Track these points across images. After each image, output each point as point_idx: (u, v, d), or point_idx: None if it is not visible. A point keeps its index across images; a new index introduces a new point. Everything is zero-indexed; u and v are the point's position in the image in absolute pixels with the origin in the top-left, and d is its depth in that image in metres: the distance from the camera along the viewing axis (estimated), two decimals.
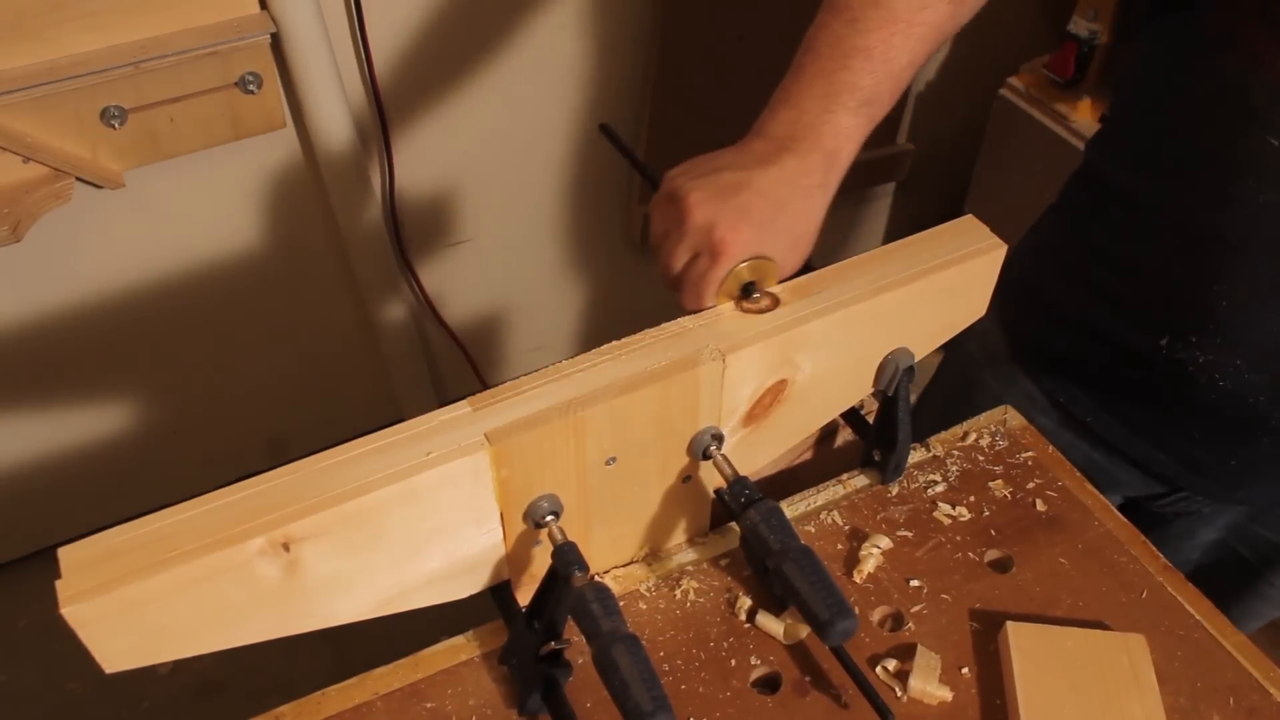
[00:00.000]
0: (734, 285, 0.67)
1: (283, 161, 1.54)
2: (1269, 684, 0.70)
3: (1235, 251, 0.76)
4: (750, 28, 1.67)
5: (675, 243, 0.67)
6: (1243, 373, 0.79)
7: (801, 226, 0.68)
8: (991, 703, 0.69)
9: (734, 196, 0.65)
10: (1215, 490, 0.90)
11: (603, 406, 0.62)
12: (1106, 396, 0.91)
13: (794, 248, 0.68)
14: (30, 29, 1.21)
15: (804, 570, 0.62)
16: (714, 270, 0.66)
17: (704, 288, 0.67)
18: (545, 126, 1.71)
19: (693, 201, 0.66)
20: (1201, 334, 0.80)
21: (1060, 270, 0.92)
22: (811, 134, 0.67)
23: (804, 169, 0.67)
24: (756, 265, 0.67)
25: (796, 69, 0.70)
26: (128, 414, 1.71)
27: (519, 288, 1.95)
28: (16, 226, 1.29)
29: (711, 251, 0.65)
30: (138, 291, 1.56)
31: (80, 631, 0.52)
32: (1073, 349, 0.92)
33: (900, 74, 0.69)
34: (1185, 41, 0.77)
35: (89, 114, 1.28)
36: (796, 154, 0.67)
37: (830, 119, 0.67)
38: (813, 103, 0.68)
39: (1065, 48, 1.67)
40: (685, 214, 0.66)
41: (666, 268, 0.69)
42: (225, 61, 1.32)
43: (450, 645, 0.71)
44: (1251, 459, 0.86)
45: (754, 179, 0.66)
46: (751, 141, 0.69)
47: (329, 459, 0.58)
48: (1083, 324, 0.89)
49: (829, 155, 0.68)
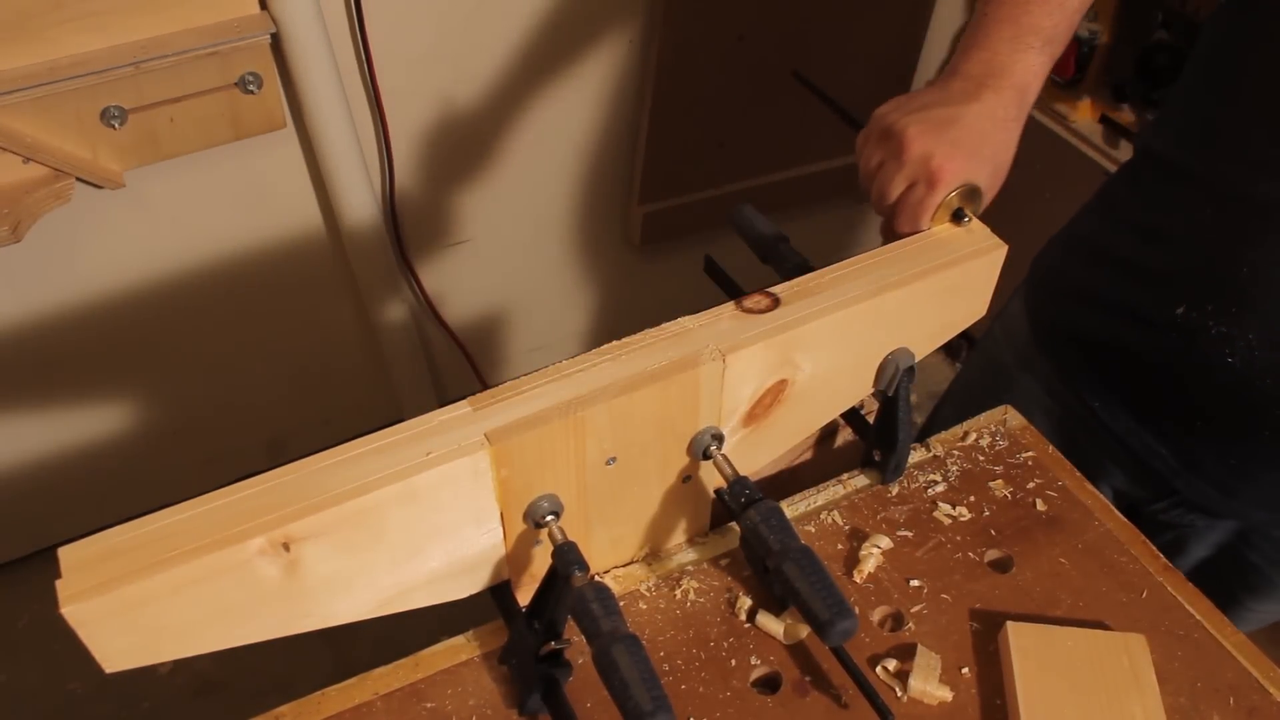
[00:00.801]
0: (945, 212, 0.74)
1: (283, 161, 1.54)
2: (1269, 684, 0.70)
3: (1264, 218, 0.78)
4: (750, 28, 1.67)
5: (892, 173, 0.74)
6: (1253, 348, 0.80)
7: (1001, 157, 0.75)
8: (991, 703, 0.69)
9: (948, 130, 0.72)
10: (1209, 494, 0.91)
11: (603, 406, 0.62)
12: (1116, 376, 0.93)
13: (995, 175, 0.76)
14: (30, 29, 1.21)
15: (804, 570, 0.62)
16: (931, 196, 0.73)
17: (921, 212, 0.74)
18: (545, 126, 1.71)
19: (911, 135, 0.73)
20: (1219, 301, 0.82)
21: (1090, 255, 0.95)
22: (1005, 73, 0.75)
23: (1001, 104, 0.74)
24: (966, 192, 0.73)
25: (981, 16, 0.77)
26: (128, 414, 1.71)
27: (519, 288, 1.95)
28: (16, 226, 1.29)
29: (929, 180, 0.72)
30: (138, 291, 1.56)
31: (80, 631, 0.52)
32: (1090, 327, 0.94)
33: (1074, 14, 0.78)
34: (1256, 19, 0.80)
35: (89, 114, 1.28)
36: (994, 90, 0.74)
37: (1020, 58, 0.75)
38: (1003, 44, 0.75)
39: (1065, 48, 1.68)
40: (903, 146, 0.73)
41: (882, 196, 0.76)
42: (225, 62, 1.31)
43: (450, 645, 0.71)
44: (1249, 458, 0.86)
45: (962, 114, 0.73)
46: (950, 81, 0.76)
47: (329, 459, 0.58)
48: (1104, 299, 0.92)
49: (1020, 91, 0.75)
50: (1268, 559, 0.96)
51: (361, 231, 1.61)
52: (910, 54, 1.88)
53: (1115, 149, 1.63)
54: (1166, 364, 0.87)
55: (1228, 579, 0.99)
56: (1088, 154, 1.65)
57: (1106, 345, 0.93)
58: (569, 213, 1.87)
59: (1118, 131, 1.64)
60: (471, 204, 1.75)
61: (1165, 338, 0.86)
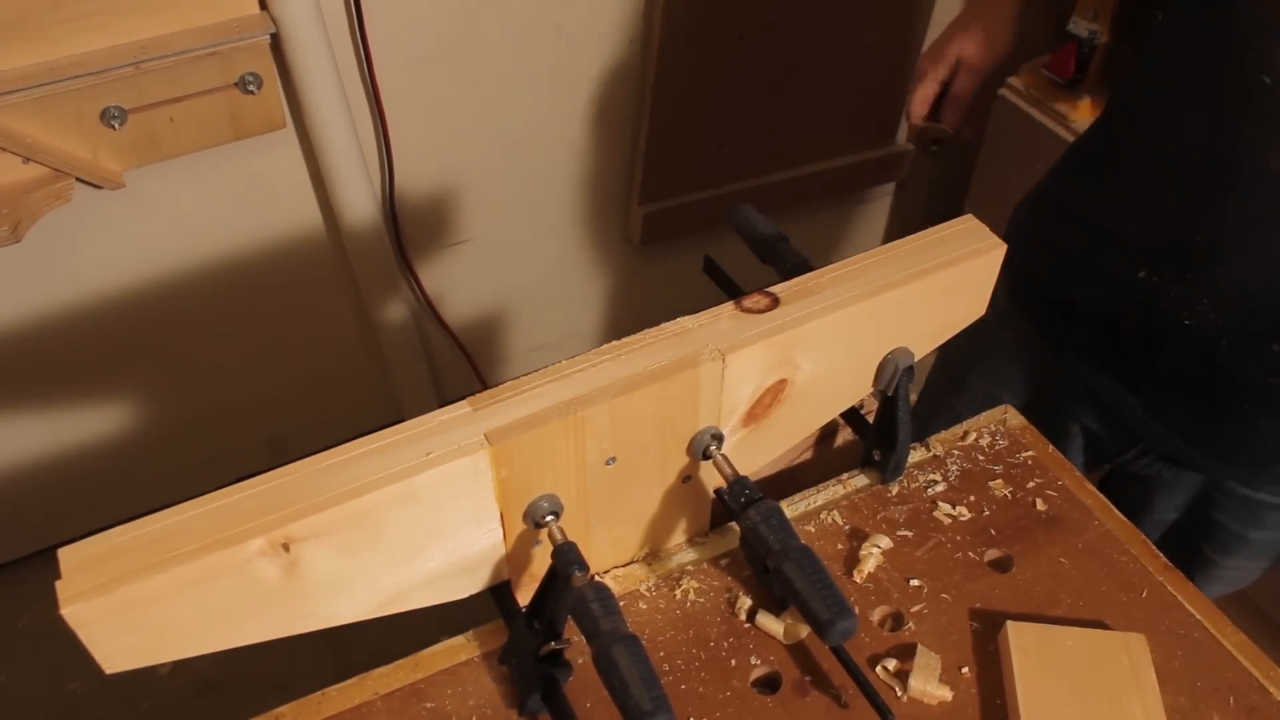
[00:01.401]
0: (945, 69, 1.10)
1: (283, 161, 1.54)
2: (1269, 684, 0.70)
3: (1217, 189, 0.79)
4: (750, 28, 1.67)
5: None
6: (1208, 313, 0.83)
7: (995, 29, 1.07)
8: (991, 703, 0.69)
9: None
10: (1174, 443, 0.94)
11: (603, 406, 0.62)
12: (1086, 331, 0.97)
13: (990, 43, 1.08)
14: (30, 29, 1.21)
15: (804, 570, 0.62)
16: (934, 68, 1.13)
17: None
18: (545, 126, 1.71)
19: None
20: (1176, 269, 0.84)
21: (1062, 213, 0.98)
22: None
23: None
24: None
25: None
26: (128, 414, 1.71)
27: (519, 288, 1.95)
28: (16, 226, 1.29)
29: (934, 56, 1.13)
30: (138, 291, 1.56)
31: (80, 632, 0.52)
32: (1060, 283, 0.97)
33: None
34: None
35: (89, 114, 1.28)
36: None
37: None
38: None
39: (1065, 48, 1.67)
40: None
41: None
42: (225, 62, 1.31)
43: (450, 645, 0.71)
44: (1210, 414, 0.90)
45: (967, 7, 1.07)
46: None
47: (329, 459, 0.58)
48: (1073, 258, 0.95)
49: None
50: (1233, 516, 0.98)
51: (361, 231, 1.61)
52: (910, 54, 1.88)
53: None
54: (1131, 322, 0.90)
55: (1195, 539, 1.02)
56: None
57: (1076, 301, 0.96)
58: (569, 213, 1.87)
59: None
60: (471, 204, 1.75)
61: (1129, 298, 0.89)
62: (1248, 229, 0.79)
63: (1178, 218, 0.83)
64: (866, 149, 1.99)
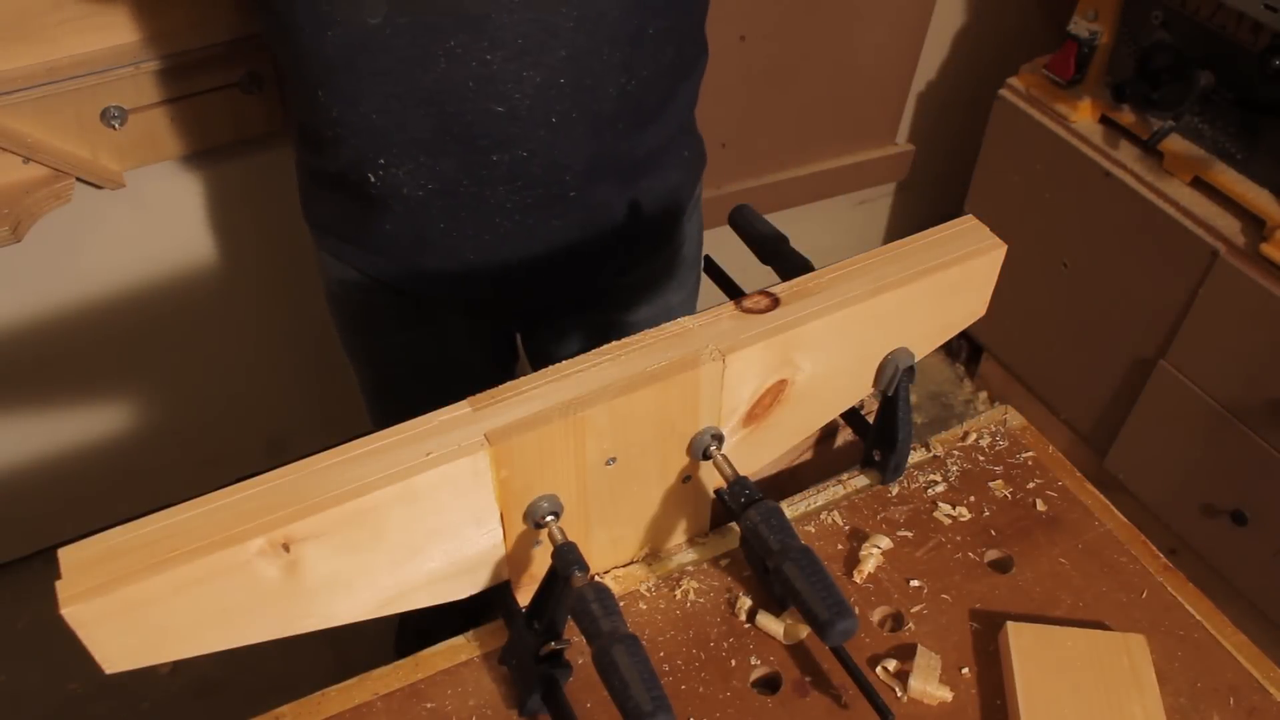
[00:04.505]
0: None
1: (283, 161, 1.54)
2: (1269, 684, 0.70)
3: (337, 72, 0.82)
4: (750, 28, 1.67)
5: None
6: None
7: None
8: (991, 703, 0.69)
9: None
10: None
11: (603, 406, 0.62)
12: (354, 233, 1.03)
13: None
14: (30, 29, 1.21)
15: (804, 570, 0.62)
16: None
17: None
18: None
19: None
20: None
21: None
22: None
23: None
24: None
25: None
26: (128, 414, 1.71)
27: None
28: (16, 226, 1.29)
29: None
30: (137, 291, 1.56)
31: (80, 632, 0.52)
32: (333, 206, 1.03)
33: None
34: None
35: (89, 114, 1.28)
36: None
37: None
38: None
39: (1065, 48, 1.67)
40: None
41: None
42: (225, 62, 1.31)
43: (450, 645, 0.71)
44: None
45: None
46: None
47: (329, 459, 0.58)
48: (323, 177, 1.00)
49: None
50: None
51: None
52: (910, 54, 1.88)
53: (1115, 149, 1.63)
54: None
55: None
56: (1088, 154, 1.64)
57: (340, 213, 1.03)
58: None
59: (1118, 131, 1.64)
60: None
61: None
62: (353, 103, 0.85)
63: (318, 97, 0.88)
64: (866, 149, 1.99)
